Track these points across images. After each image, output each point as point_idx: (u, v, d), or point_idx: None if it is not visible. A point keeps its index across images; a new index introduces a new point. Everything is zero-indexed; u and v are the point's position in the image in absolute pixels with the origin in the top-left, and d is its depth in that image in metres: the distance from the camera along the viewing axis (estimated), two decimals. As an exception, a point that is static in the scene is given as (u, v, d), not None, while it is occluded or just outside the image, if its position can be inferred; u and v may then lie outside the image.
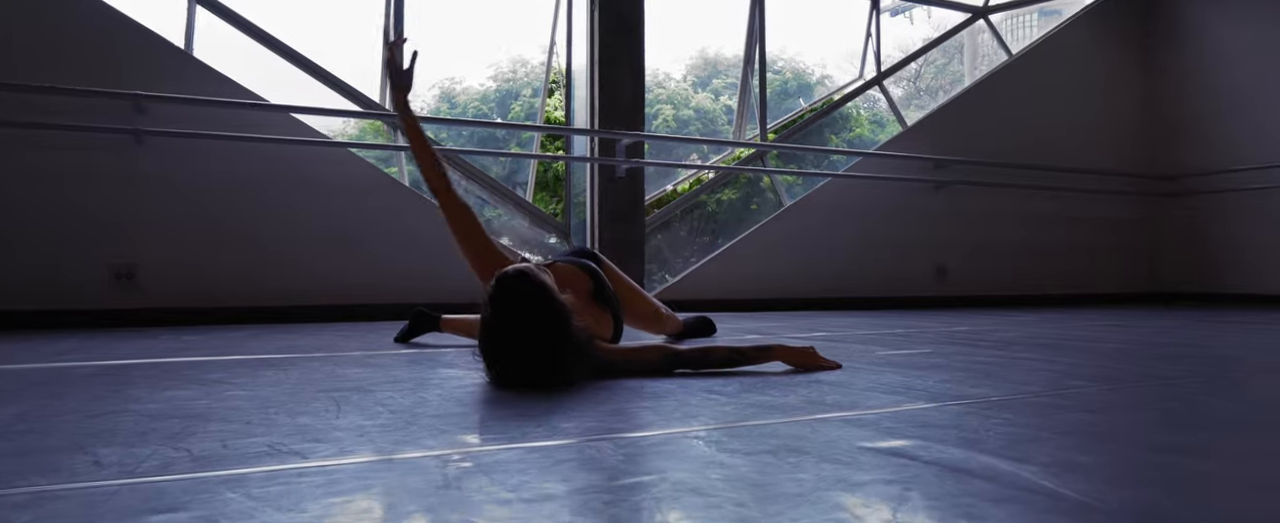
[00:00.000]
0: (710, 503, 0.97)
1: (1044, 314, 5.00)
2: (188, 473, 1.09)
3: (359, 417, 1.49)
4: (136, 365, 2.27)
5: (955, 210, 6.14)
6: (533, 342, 1.82)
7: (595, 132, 4.99)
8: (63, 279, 3.83)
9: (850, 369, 2.20)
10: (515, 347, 1.82)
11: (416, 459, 1.17)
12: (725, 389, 1.83)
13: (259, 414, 1.52)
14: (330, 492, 1.01)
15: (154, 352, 2.65)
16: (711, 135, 6.38)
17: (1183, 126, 6.80)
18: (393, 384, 1.91)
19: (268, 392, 1.79)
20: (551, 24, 5.40)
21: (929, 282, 6.08)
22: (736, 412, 1.56)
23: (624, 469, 1.13)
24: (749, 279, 5.41)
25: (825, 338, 3.21)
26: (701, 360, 2.15)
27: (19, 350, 2.71)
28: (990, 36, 6.91)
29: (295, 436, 1.33)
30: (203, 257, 4.06)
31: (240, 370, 2.16)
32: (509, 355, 1.83)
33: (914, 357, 2.54)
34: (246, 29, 4.48)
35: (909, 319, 4.41)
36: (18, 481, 1.06)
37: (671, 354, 2.16)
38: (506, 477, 1.07)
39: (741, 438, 1.32)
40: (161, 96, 3.91)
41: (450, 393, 1.78)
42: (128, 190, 3.96)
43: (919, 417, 1.51)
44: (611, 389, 1.82)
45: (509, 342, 1.82)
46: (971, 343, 3.01)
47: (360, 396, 1.75)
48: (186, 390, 1.81)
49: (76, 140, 3.86)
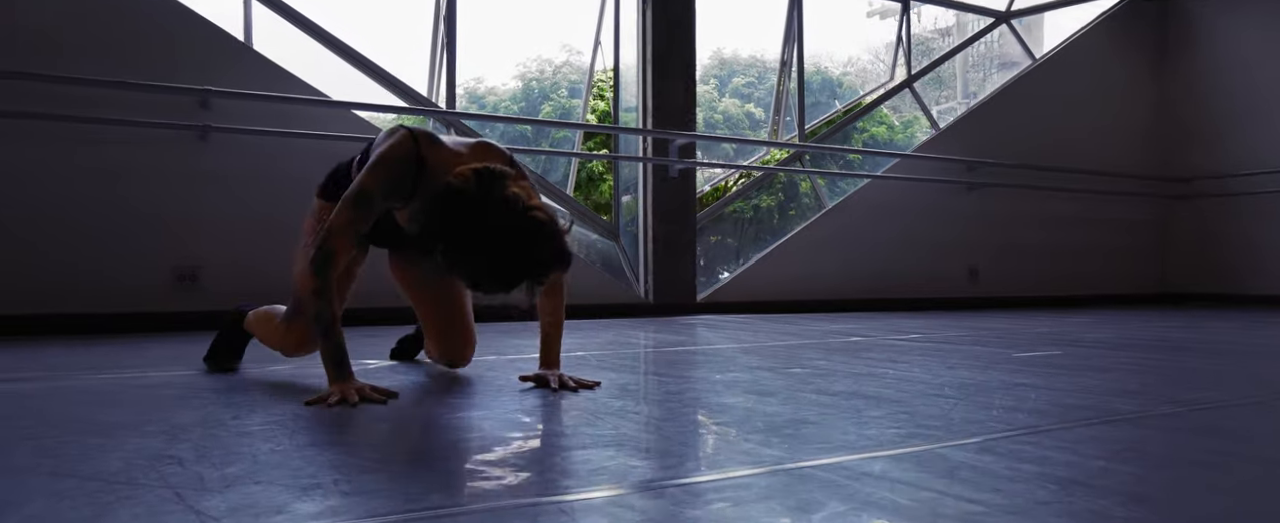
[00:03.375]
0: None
1: (1084, 315, 5.09)
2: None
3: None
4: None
5: (985, 212, 6.22)
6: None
7: (649, 132, 4.95)
8: (125, 281, 3.69)
9: (1018, 372, 2.21)
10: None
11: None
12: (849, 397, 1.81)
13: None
14: None
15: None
16: (731, 135, 6.37)
17: (1197, 130, 6.98)
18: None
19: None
20: (596, 24, 5.35)
21: (962, 282, 6.15)
22: (928, 429, 1.55)
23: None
24: (795, 279, 5.42)
25: (919, 340, 3.22)
26: None
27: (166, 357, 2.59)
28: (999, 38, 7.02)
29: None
30: (263, 257, 3.94)
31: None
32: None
33: (1058, 358, 2.56)
34: (299, 23, 4.36)
35: (966, 319, 4.45)
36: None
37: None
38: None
39: (1011, 459, 1.31)
40: (230, 93, 3.79)
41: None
42: (192, 188, 3.82)
43: (1208, 422, 1.52)
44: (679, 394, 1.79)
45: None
46: (1077, 343, 3.04)
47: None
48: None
49: (139, 137, 3.71)
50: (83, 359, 2.51)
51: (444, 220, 1.58)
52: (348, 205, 1.73)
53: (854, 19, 9.06)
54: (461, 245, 1.57)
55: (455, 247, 1.57)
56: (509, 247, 1.56)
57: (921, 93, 6.45)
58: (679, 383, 1.99)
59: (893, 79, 6.43)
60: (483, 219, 1.56)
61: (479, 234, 1.56)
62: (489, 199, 1.57)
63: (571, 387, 1.85)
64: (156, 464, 1.14)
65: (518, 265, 1.58)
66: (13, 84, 3.45)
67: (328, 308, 1.72)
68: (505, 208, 1.57)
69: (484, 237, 1.55)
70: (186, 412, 1.56)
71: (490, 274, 1.58)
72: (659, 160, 4.94)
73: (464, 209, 1.57)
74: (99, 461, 1.17)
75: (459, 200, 1.57)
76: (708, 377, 2.10)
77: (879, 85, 6.51)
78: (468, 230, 1.56)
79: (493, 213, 1.56)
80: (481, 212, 1.56)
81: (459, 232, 1.57)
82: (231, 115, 3.86)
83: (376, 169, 1.74)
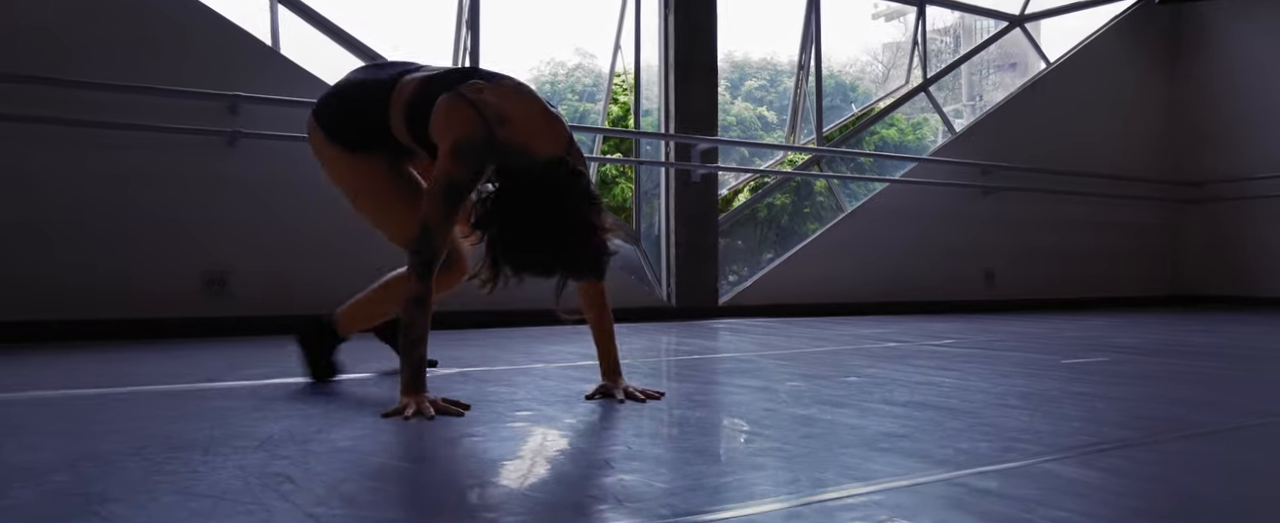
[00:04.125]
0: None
1: (1101, 318, 5.11)
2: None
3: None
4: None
5: (1000, 216, 6.24)
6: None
7: (671, 136, 4.95)
8: (154, 287, 3.67)
9: (1073, 380, 2.21)
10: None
11: None
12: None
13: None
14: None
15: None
16: (752, 140, 6.37)
17: (1210, 134, 7.01)
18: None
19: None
20: (616, 28, 5.34)
21: (979, 286, 6.17)
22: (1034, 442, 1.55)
23: None
24: (815, 283, 5.43)
25: (955, 346, 3.23)
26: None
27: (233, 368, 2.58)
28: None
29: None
30: (292, 262, 3.93)
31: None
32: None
33: (1105, 366, 2.57)
34: (324, 27, 4.34)
35: (989, 323, 4.47)
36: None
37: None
38: None
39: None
40: (260, 98, 3.78)
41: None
42: (221, 194, 3.81)
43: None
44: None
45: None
46: (1115, 349, 3.05)
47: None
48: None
49: (167, 142, 3.70)
50: (132, 368, 2.50)
51: (522, 201, 1.65)
52: (439, 200, 1.73)
53: (859, 20, 9.06)
54: (527, 223, 1.64)
55: (520, 223, 1.64)
56: (570, 238, 1.65)
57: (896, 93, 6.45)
58: (747, 394, 1.99)
59: (908, 82, 6.44)
60: (558, 204, 1.64)
61: (548, 218, 1.63)
62: (570, 190, 1.67)
63: (639, 397, 1.85)
64: (272, 483, 1.14)
65: (569, 258, 1.66)
66: (40, 89, 3.43)
67: (425, 319, 1.73)
68: (581, 203, 1.67)
69: (552, 221, 1.63)
70: (267, 424, 1.56)
71: (543, 252, 1.64)
72: (681, 165, 4.94)
73: (544, 195, 1.65)
74: (212, 477, 1.16)
75: (542, 188, 1.66)
76: (770, 387, 2.10)
77: (895, 88, 6.52)
78: (539, 214, 1.63)
79: (570, 204, 1.65)
80: (559, 199, 1.65)
81: (531, 211, 1.64)
82: (260, 120, 3.85)
83: (458, 158, 1.73)
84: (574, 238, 1.65)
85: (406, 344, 1.73)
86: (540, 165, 1.69)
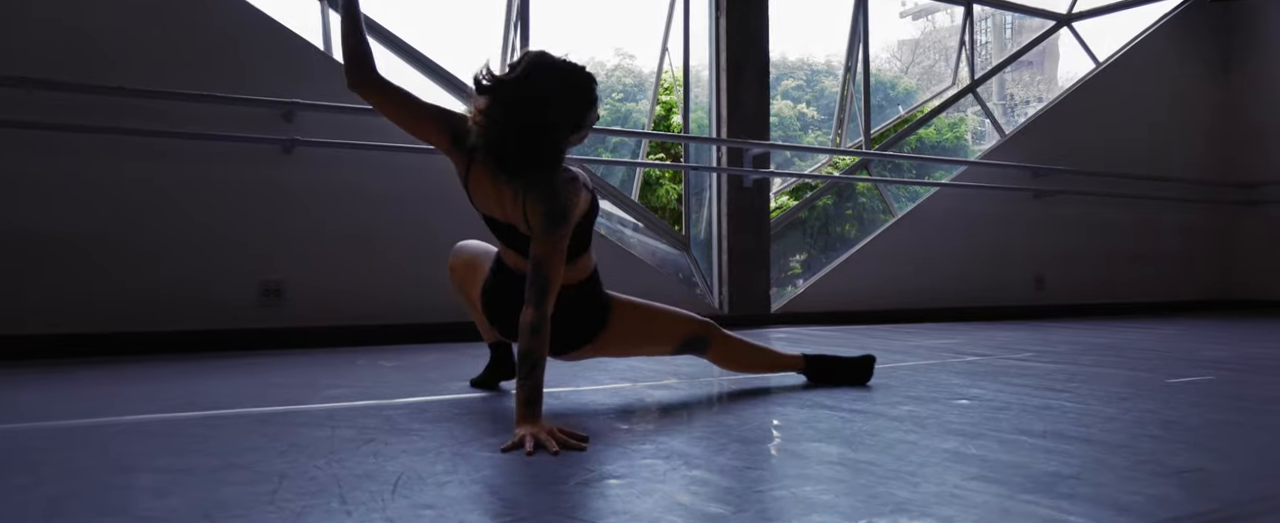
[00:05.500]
0: None
1: (1164, 324, 4.97)
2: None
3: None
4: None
5: (1051, 219, 6.11)
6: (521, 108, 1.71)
7: (723, 141, 4.86)
8: (211, 298, 3.60)
9: (1208, 405, 2.10)
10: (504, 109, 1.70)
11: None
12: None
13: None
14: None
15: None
16: (790, 141, 6.26)
17: (1264, 134, 6.85)
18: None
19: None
20: (664, 30, 5.25)
21: (1028, 291, 6.04)
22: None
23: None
24: (866, 289, 5.32)
25: (1038, 359, 3.11)
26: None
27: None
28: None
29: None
30: (343, 272, 3.85)
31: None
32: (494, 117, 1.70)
33: (1220, 386, 2.45)
34: (372, 29, 4.27)
35: (1052, 332, 4.35)
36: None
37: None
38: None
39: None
40: (316, 105, 3.70)
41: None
42: (276, 203, 3.74)
43: None
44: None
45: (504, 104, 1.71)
46: (1216, 364, 2.94)
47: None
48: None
49: (223, 151, 3.63)
50: (207, 387, 2.42)
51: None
52: (557, 245, 1.74)
53: (886, 19, 8.84)
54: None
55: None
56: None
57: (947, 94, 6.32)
58: (865, 421, 1.89)
59: (954, 83, 6.32)
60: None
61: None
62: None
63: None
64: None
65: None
66: (93, 98, 3.36)
67: (543, 347, 1.69)
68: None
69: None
70: (384, 462, 1.47)
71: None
72: (733, 170, 4.84)
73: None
74: (391, 508, 1.08)
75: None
76: (883, 412, 2.00)
77: (941, 89, 6.40)
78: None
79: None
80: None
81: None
82: (313, 128, 3.78)
83: (570, 222, 1.77)
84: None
85: (528, 368, 1.67)
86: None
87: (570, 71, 1.77)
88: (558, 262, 1.73)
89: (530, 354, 1.67)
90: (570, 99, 1.76)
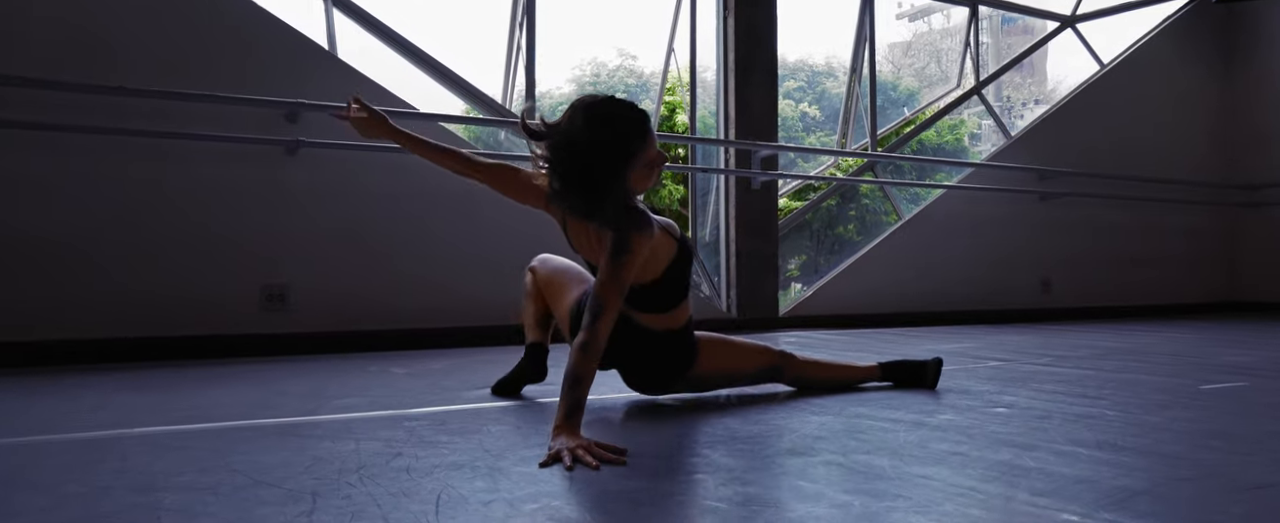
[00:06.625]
0: None
1: (1172, 327, 4.94)
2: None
3: None
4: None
5: (1057, 222, 6.08)
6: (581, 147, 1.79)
7: (732, 142, 4.80)
8: (213, 303, 3.52)
9: (1253, 416, 2.05)
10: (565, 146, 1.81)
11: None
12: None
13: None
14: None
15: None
16: (794, 142, 6.21)
17: (1266, 136, 6.84)
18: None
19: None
20: (670, 31, 5.18)
21: (1035, 294, 6.01)
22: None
23: None
24: (874, 292, 5.27)
25: (1059, 363, 3.06)
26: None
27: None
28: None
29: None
30: (348, 277, 3.77)
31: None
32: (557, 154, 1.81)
33: (1257, 394, 2.40)
34: (375, 28, 4.19)
35: (1063, 335, 4.31)
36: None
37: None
38: None
39: None
40: (319, 105, 3.62)
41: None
42: (280, 205, 3.66)
43: None
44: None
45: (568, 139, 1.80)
46: (1242, 370, 2.89)
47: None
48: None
49: (227, 152, 3.55)
50: (215, 396, 2.34)
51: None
52: (617, 275, 1.79)
53: (885, 20, 8.82)
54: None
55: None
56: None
57: (948, 96, 6.29)
58: (907, 431, 1.83)
59: (959, 85, 6.28)
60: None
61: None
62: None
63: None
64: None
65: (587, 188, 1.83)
66: (93, 97, 3.27)
67: (591, 367, 1.70)
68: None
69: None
70: (418, 479, 1.40)
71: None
72: (741, 172, 4.78)
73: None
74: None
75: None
76: (922, 421, 1.94)
77: (946, 90, 6.36)
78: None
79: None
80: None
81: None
82: (319, 129, 3.70)
83: (634, 254, 1.82)
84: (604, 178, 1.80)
85: (573, 381, 1.66)
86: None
87: (610, 108, 1.84)
88: (616, 290, 1.77)
89: (577, 370, 1.68)
90: (613, 136, 1.81)
